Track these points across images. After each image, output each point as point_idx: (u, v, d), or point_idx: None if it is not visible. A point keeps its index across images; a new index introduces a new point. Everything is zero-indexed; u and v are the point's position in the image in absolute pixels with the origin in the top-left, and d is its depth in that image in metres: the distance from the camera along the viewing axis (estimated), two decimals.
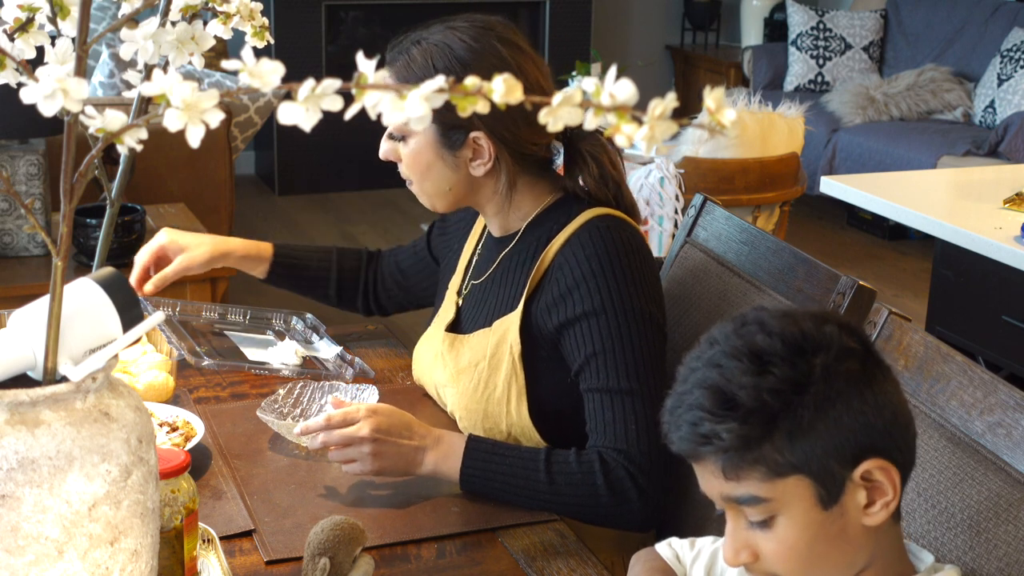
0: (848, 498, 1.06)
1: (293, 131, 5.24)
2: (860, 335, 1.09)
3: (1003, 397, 1.29)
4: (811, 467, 1.04)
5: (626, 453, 1.55)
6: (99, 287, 1.07)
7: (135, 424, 1.03)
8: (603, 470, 1.55)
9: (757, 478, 1.05)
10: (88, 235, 2.73)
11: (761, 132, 3.76)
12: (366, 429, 1.52)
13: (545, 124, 0.76)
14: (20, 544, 0.96)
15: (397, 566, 1.42)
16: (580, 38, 6.61)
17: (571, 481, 1.55)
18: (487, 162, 1.63)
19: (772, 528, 1.07)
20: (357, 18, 6.33)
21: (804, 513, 1.06)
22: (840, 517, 1.07)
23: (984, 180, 3.63)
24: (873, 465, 1.06)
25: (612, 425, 1.57)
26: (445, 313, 1.80)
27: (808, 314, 1.08)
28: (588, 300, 1.59)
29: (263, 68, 0.79)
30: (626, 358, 1.57)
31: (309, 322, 2.09)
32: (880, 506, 1.07)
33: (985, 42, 5.78)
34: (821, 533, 1.07)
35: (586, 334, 1.59)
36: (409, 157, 1.65)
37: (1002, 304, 3.45)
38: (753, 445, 1.03)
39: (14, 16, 1.04)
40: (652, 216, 3.68)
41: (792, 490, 1.05)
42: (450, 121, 1.59)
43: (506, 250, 1.71)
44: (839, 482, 1.05)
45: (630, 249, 1.61)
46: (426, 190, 1.68)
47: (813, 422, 1.03)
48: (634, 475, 1.55)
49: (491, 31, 1.62)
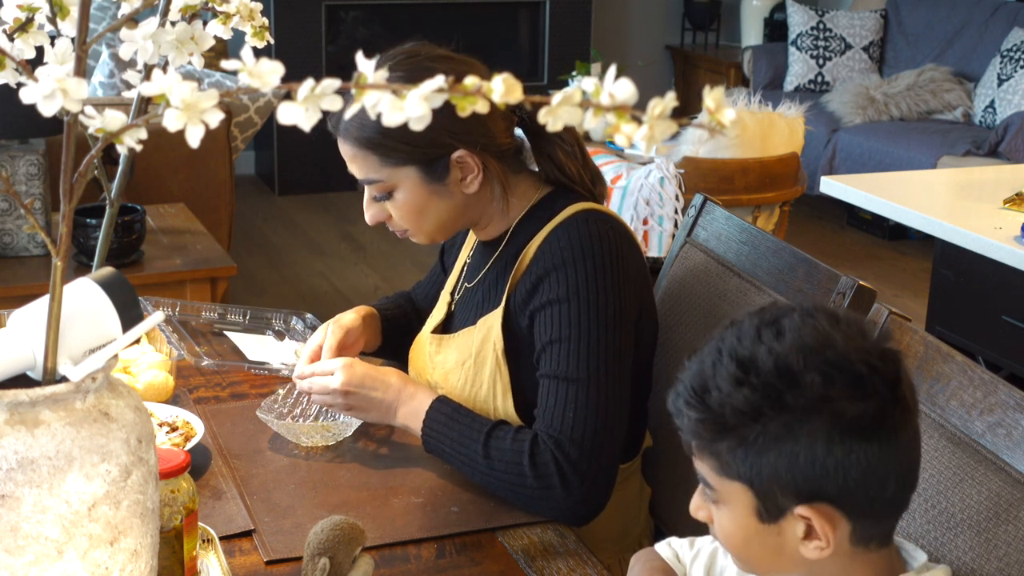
0: (787, 524, 1.06)
1: (293, 131, 5.23)
2: (873, 388, 1.02)
3: (1003, 397, 1.29)
4: (754, 483, 1.05)
5: (557, 440, 1.53)
6: (99, 287, 1.07)
7: (135, 424, 1.03)
8: (531, 451, 1.53)
9: (709, 466, 1.08)
10: (88, 235, 2.73)
11: (761, 132, 3.76)
12: (337, 381, 1.62)
13: (502, 113, 0.76)
14: (20, 544, 0.96)
15: (397, 566, 1.42)
16: (580, 38, 6.61)
17: (503, 458, 1.54)
18: (477, 175, 1.61)
19: (718, 509, 1.11)
20: (357, 18, 6.33)
21: (742, 516, 1.08)
22: (777, 535, 1.07)
23: (984, 180, 3.63)
24: (813, 513, 1.04)
25: (551, 410, 1.56)
26: (437, 315, 1.80)
27: (826, 345, 1.03)
28: (556, 288, 1.58)
29: (263, 68, 0.79)
30: (580, 348, 1.55)
31: (309, 322, 2.09)
32: (814, 547, 1.06)
33: (985, 42, 5.79)
34: (756, 539, 1.08)
35: (549, 321, 1.58)
36: (402, 209, 1.63)
37: (1002, 304, 3.45)
38: (707, 440, 1.07)
39: (14, 16, 1.04)
40: (652, 216, 3.68)
41: (735, 492, 1.07)
42: (428, 155, 1.58)
43: (496, 252, 1.70)
44: (780, 508, 1.06)
45: (608, 241, 1.59)
46: (425, 230, 1.66)
47: (765, 448, 1.03)
48: (560, 462, 1.52)
49: (416, 57, 1.59)
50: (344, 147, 1.63)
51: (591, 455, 1.53)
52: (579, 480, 1.53)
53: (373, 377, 1.63)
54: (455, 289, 1.80)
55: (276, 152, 6.08)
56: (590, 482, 1.53)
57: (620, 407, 1.57)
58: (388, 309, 1.93)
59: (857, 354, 1.03)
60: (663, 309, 1.94)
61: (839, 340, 1.04)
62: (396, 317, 1.93)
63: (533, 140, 1.68)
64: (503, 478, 1.54)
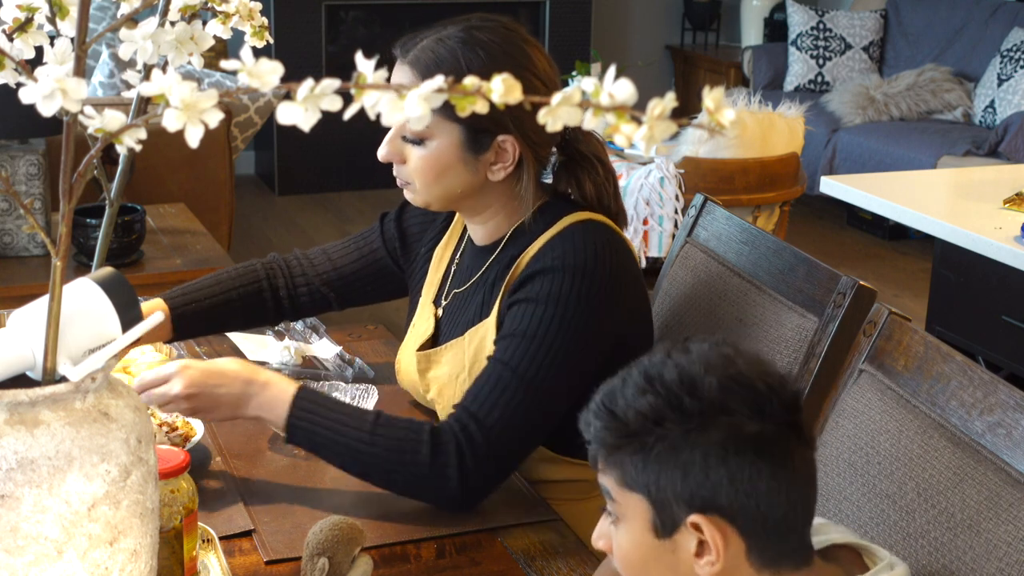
0: (681, 538, 1.07)
1: (293, 131, 5.24)
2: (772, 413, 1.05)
3: (1003, 397, 1.29)
4: (652, 493, 1.06)
5: (472, 414, 1.50)
6: (98, 287, 1.07)
7: (134, 424, 1.03)
8: (433, 431, 1.50)
9: (613, 478, 1.09)
10: (88, 235, 2.73)
11: (761, 132, 3.76)
12: (178, 387, 1.53)
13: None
14: (20, 544, 0.96)
15: (396, 566, 1.42)
16: (580, 38, 6.61)
17: (395, 435, 1.49)
18: (508, 165, 1.58)
19: (618, 529, 1.11)
20: (357, 18, 6.33)
21: (639, 531, 1.09)
22: (672, 552, 1.08)
23: (984, 180, 3.62)
24: (705, 521, 1.05)
25: (481, 389, 1.52)
26: (421, 329, 1.76)
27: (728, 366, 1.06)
28: (538, 289, 1.54)
29: (262, 68, 0.79)
30: (537, 349, 1.52)
31: (309, 322, 2.09)
32: (705, 562, 1.06)
33: (985, 42, 5.79)
34: (652, 557, 1.09)
35: (519, 315, 1.55)
36: (424, 160, 1.57)
37: (1002, 304, 3.45)
38: (611, 449, 1.08)
39: (13, 16, 1.04)
40: (652, 216, 3.68)
41: (634, 505, 1.08)
42: (479, 124, 1.54)
43: (492, 257, 1.67)
44: (675, 519, 1.07)
45: (601, 257, 1.55)
46: (433, 192, 1.60)
47: (663, 455, 1.05)
48: (461, 443, 1.48)
49: (515, 32, 1.58)
50: (401, 72, 1.56)
51: (494, 447, 1.50)
52: (474, 464, 1.49)
53: (213, 373, 1.54)
54: (440, 295, 1.76)
55: (276, 152, 6.08)
56: (481, 473, 1.50)
57: (543, 422, 1.54)
58: (183, 297, 1.82)
59: (757, 375, 1.07)
60: (663, 309, 1.94)
61: (742, 364, 1.08)
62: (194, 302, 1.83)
63: (567, 162, 1.65)
64: (388, 458, 1.49)
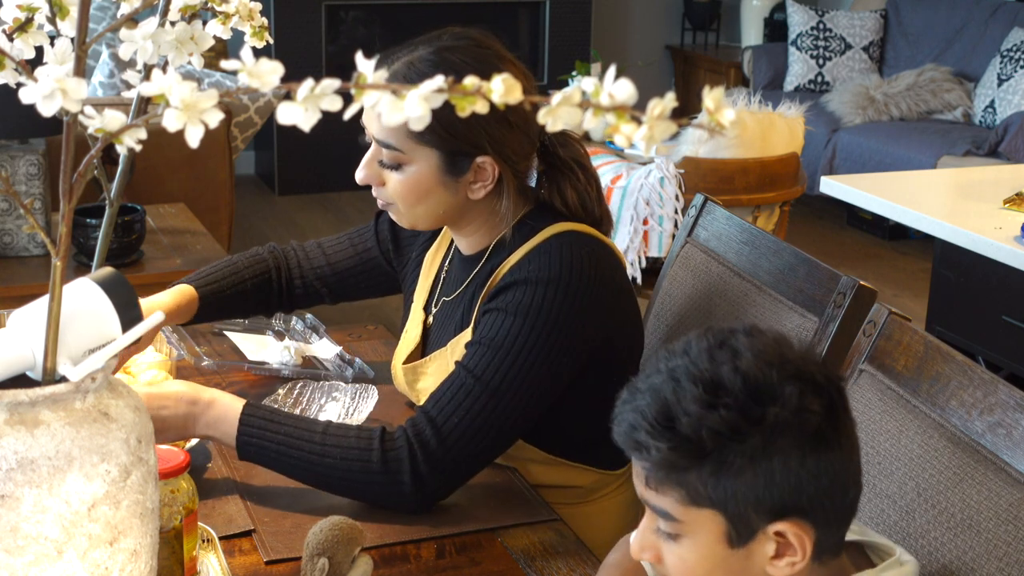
0: (757, 545, 1.06)
1: (293, 131, 5.24)
2: (828, 396, 1.05)
3: (1003, 397, 1.29)
4: (728, 507, 1.04)
5: (431, 419, 1.50)
6: (98, 287, 1.07)
7: (134, 424, 1.03)
8: (383, 435, 1.50)
9: (675, 498, 1.05)
10: (88, 235, 2.73)
11: (761, 132, 3.76)
12: None
13: (531, 140, 0.76)
14: (20, 544, 0.96)
15: (396, 566, 1.42)
16: (580, 38, 6.61)
17: (344, 444, 1.49)
18: (488, 184, 1.57)
19: (678, 543, 1.08)
20: (357, 18, 6.33)
21: (710, 544, 1.06)
22: (745, 559, 1.07)
23: (984, 180, 3.62)
24: (789, 527, 1.04)
25: (444, 394, 1.52)
26: (411, 331, 1.76)
27: (784, 359, 1.04)
28: (512, 300, 1.53)
29: (262, 68, 0.79)
30: (503, 359, 1.51)
31: (309, 322, 2.09)
32: (786, 563, 1.06)
33: (985, 42, 5.79)
34: (722, 567, 1.07)
35: (490, 323, 1.54)
36: (404, 185, 1.57)
37: (1002, 304, 3.45)
38: (678, 470, 1.04)
39: (13, 16, 1.04)
40: (652, 216, 3.68)
41: (704, 521, 1.05)
42: (456, 148, 1.54)
43: (478, 267, 1.66)
44: (752, 529, 1.05)
45: (580, 271, 1.54)
46: (416, 213, 1.60)
47: (742, 468, 1.02)
48: (413, 448, 1.49)
49: (488, 50, 1.56)
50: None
51: (451, 451, 1.49)
52: (428, 468, 1.49)
53: (155, 396, 1.52)
54: (431, 302, 1.76)
55: (276, 152, 6.08)
56: (435, 476, 1.49)
57: (508, 428, 1.53)
58: (222, 282, 1.86)
59: (811, 364, 1.05)
60: (663, 309, 1.94)
61: (790, 353, 1.05)
62: (232, 287, 1.86)
63: (548, 170, 1.64)
64: (340, 467, 1.49)
